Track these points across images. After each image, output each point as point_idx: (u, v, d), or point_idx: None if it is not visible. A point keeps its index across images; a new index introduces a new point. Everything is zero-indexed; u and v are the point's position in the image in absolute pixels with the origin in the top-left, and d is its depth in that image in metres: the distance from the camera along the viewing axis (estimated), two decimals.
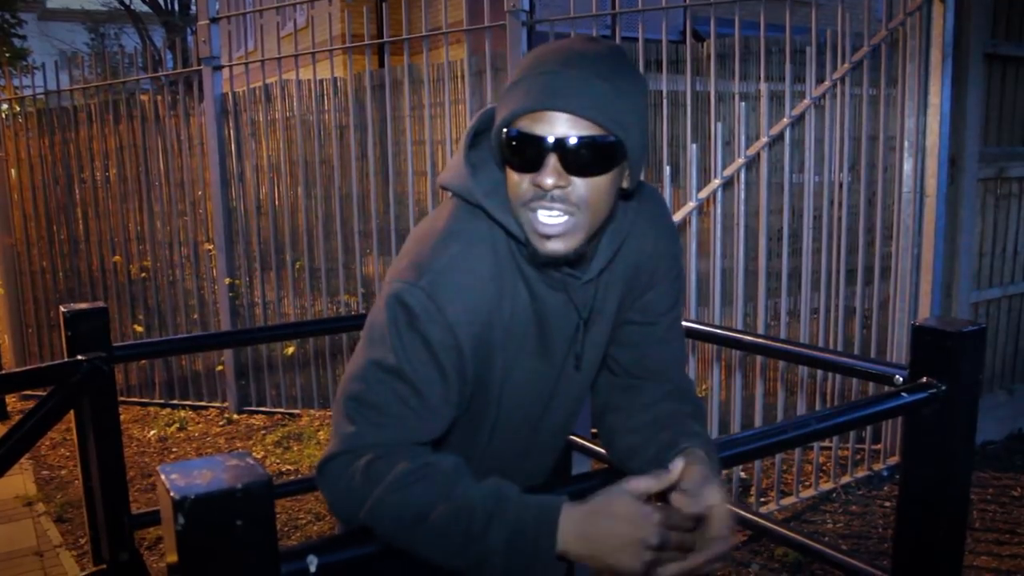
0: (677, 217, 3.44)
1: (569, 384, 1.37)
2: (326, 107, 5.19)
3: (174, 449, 4.90)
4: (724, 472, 3.69)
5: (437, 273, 1.17)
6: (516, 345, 1.27)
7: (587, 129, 1.11)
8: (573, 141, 1.10)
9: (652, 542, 1.03)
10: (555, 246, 1.15)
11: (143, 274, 5.73)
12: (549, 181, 1.10)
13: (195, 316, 5.63)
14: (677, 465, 1.11)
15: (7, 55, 15.25)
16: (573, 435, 2.29)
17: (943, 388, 1.52)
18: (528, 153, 1.12)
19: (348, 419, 1.17)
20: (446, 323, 1.16)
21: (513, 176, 1.15)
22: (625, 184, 1.20)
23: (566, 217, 1.13)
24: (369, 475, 1.11)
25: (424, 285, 1.16)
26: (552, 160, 1.11)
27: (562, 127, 1.10)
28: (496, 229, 1.22)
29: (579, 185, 1.12)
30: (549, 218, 1.13)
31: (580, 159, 1.11)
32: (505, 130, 1.14)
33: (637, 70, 1.20)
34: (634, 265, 1.35)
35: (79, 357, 2.00)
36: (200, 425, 5.31)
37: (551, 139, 1.10)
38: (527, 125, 1.12)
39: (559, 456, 1.58)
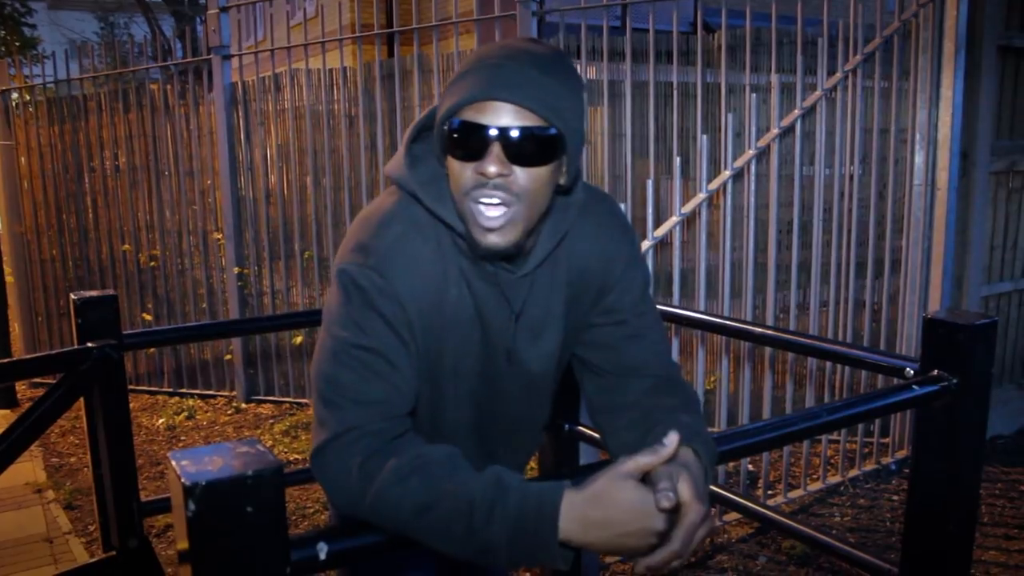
0: (687, 208, 3.43)
1: (509, 378, 1.39)
2: (336, 97, 5.19)
3: (182, 437, 4.92)
4: (732, 464, 3.71)
5: (383, 252, 1.22)
6: (464, 331, 1.30)
7: (530, 120, 1.15)
8: (516, 131, 1.14)
9: (658, 528, 1.03)
10: (495, 239, 1.19)
11: (152, 263, 5.75)
12: (492, 169, 1.14)
13: (204, 305, 5.65)
14: (672, 439, 1.07)
15: (17, 44, 15.28)
16: (581, 426, 2.29)
17: (954, 381, 1.51)
18: (472, 142, 1.16)
19: (328, 404, 1.18)
20: (396, 298, 1.21)
21: (455, 166, 1.19)
22: (562, 180, 1.24)
23: (505, 208, 1.17)
24: (365, 472, 1.12)
25: (372, 264, 1.21)
26: (496, 149, 1.15)
27: (506, 117, 1.14)
28: (435, 220, 1.26)
29: (520, 175, 1.16)
30: (490, 210, 1.17)
31: (523, 149, 1.15)
32: (449, 120, 1.18)
33: (576, 72, 1.24)
34: (580, 268, 1.37)
35: (89, 344, 2.00)
36: (208, 414, 5.33)
37: (495, 128, 1.14)
38: (471, 115, 1.16)
39: (533, 445, 1.60)
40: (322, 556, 1.01)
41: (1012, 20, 4.15)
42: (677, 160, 3.46)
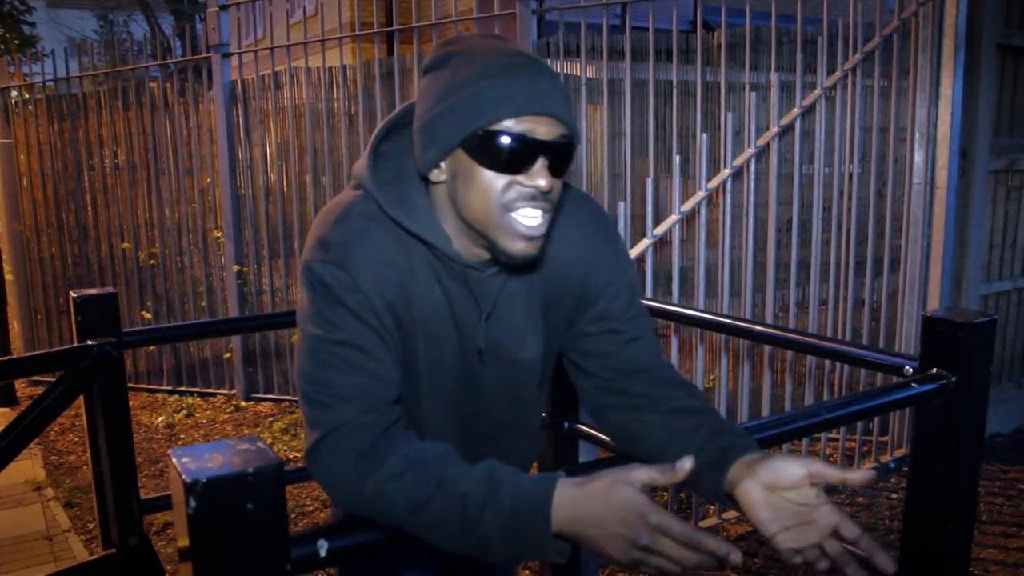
0: (687, 206, 3.43)
1: (482, 376, 1.37)
2: (335, 95, 5.19)
3: (182, 436, 4.92)
4: None
5: (342, 246, 1.22)
6: (436, 328, 1.30)
7: (564, 132, 1.17)
8: (560, 144, 1.16)
9: (641, 542, 1.01)
10: (530, 247, 1.19)
11: (151, 261, 5.74)
12: (546, 183, 1.15)
13: (203, 303, 5.65)
14: (685, 465, 1.08)
15: (16, 42, 15.28)
16: (581, 424, 2.29)
17: (953, 379, 1.51)
18: (517, 155, 1.15)
19: (315, 403, 1.18)
20: (359, 290, 1.20)
21: (486, 175, 1.17)
22: None
23: (543, 216, 1.18)
24: (361, 468, 1.12)
25: (332, 259, 1.21)
26: (543, 162, 1.15)
27: (551, 129, 1.15)
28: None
29: (556, 185, 1.18)
30: (533, 219, 1.17)
31: (562, 160, 1.18)
32: (484, 131, 1.15)
33: None
34: (558, 271, 1.35)
35: (89, 342, 2.00)
36: (208, 412, 5.33)
37: (546, 141, 1.15)
38: (514, 127, 1.14)
39: (525, 450, 1.56)
40: (323, 553, 1.01)
41: (1012, 18, 4.15)
42: (677, 158, 3.46)
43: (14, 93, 6.05)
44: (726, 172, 3.48)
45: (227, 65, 5.28)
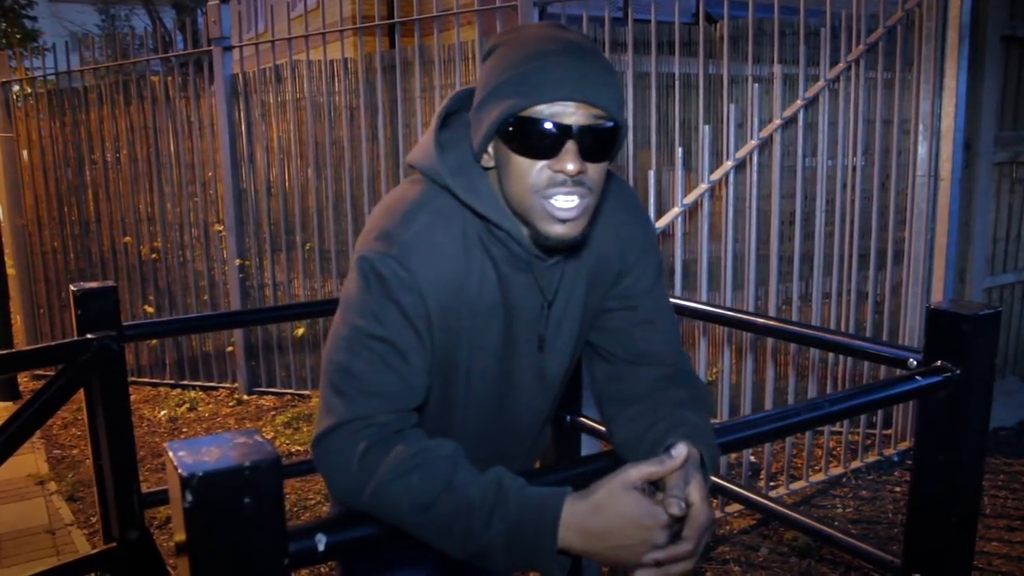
0: (689, 199, 3.42)
1: (534, 365, 1.38)
2: (337, 88, 5.17)
3: (184, 429, 4.92)
4: (734, 455, 3.71)
5: (407, 243, 1.20)
6: (482, 322, 1.29)
7: (601, 116, 1.15)
8: (591, 129, 1.15)
9: (659, 542, 1.02)
10: (567, 230, 1.18)
11: (153, 255, 5.74)
12: (573, 167, 1.14)
13: (205, 297, 5.64)
14: (680, 451, 1.09)
15: (18, 36, 15.28)
16: (583, 417, 2.28)
17: (957, 372, 1.50)
18: (545, 140, 1.15)
19: (336, 391, 1.17)
20: (417, 290, 1.19)
21: (521, 162, 1.17)
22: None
23: (580, 200, 1.17)
24: (366, 463, 1.11)
25: (395, 254, 1.19)
26: (572, 146, 1.14)
27: (580, 115, 1.14)
28: (463, 208, 1.25)
29: (591, 170, 1.17)
30: (567, 203, 1.17)
31: (596, 145, 1.16)
32: (517, 117, 1.16)
33: None
34: (600, 254, 1.36)
35: (89, 336, 2.00)
36: (210, 406, 5.33)
37: (573, 127, 1.14)
38: (544, 112, 1.14)
39: (541, 439, 1.58)
40: (321, 547, 1.00)
41: (1016, 10, 4.13)
42: (679, 151, 3.45)
43: (16, 87, 6.04)
44: (729, 164, 3.47)
45: (228, 58, 5.27)
